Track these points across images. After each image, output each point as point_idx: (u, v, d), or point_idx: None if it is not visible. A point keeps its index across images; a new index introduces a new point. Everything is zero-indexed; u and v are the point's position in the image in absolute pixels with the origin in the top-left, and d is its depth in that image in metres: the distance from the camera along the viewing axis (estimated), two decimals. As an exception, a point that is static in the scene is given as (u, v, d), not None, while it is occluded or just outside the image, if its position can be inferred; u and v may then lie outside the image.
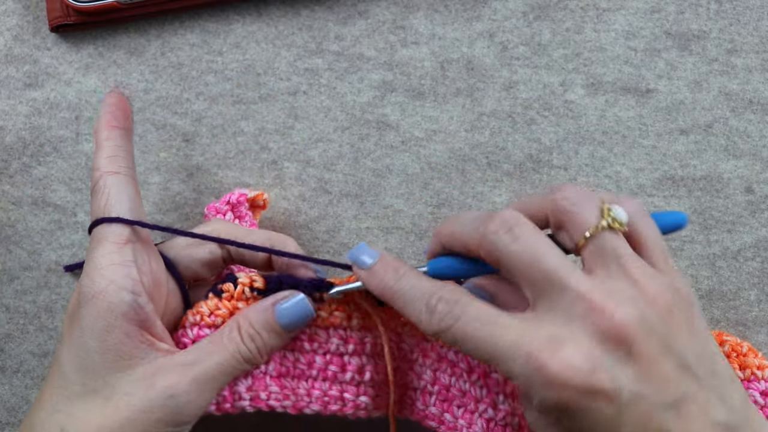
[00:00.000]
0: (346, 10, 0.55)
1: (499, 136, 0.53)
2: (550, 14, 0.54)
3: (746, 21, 0.54)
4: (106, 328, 0.39)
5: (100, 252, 0.40)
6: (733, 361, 0.45)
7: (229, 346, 0.41)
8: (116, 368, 0.39)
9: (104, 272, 0.39)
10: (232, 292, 0.43)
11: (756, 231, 0.51)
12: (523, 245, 0.36)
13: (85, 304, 0.39)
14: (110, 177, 0.42)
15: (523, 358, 0.34)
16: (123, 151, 0.43)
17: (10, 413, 0.52)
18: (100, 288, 0.39)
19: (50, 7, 0.54)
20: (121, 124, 0.44)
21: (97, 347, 0.39)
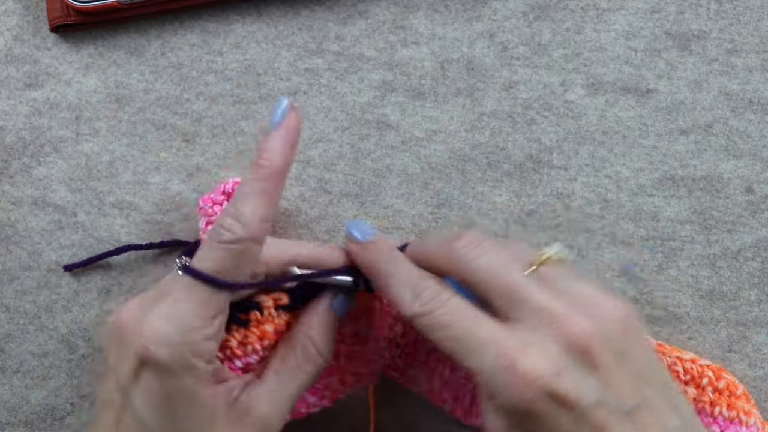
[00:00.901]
0: (346, 10, 0.55)
1: (499, 136, 0.53)
2: (550, 14, 0.54)
3: (746, 21, 0.54)
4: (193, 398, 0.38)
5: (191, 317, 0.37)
6: (723, 399, 0.45)
7: (308, 368, 0.41)
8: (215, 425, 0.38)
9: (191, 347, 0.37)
10: (259, 319, 0.42)
11: (756, 231, 0.51)
12: (489, 259, 0.38)
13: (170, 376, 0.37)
14: (253, 246, 0.38)
15: (494, 355, 0.35)
16: (274, 215, 0.40)
17: (10, 413, 0.52)
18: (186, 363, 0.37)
19: (50, 7, 0.54)
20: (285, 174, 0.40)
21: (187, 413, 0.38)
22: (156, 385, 0.37)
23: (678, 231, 0.52)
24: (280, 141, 0.40)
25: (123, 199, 0.53)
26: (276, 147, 0.39)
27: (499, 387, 0.35)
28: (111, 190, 0.53)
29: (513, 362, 0.35)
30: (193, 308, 0.37)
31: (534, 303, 0.37)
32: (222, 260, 0.38)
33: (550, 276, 0.38)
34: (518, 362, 0.35)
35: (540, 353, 0.35)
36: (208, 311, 0.38)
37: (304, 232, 0.52)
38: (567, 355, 0.35)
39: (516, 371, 0.35)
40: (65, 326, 0.52)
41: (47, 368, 0.52)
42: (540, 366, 0.35)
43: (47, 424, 0.51)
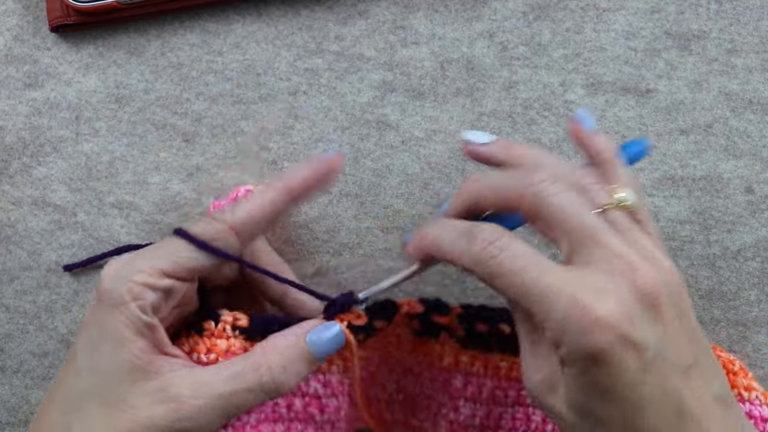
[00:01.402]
0: (346, 10, 0.55)
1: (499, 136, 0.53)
2: (550, 14, 0.54)
3: (746, 21, 0.54)
4: (121, 340, 0.38)
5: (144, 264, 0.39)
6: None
7: (250, 379, 0.39)
8: (129, 378, 0.38)
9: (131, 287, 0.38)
10: (213, 330, 0.41)
11: (756, 231, 0.51)
12: (568, 200, 0.37)
13: (106, 310, 0.39)
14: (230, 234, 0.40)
15: (566, 301, 0.35)
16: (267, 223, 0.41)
17: (10, 413, 0.52)
18: (117, 297, 0.38)
19: (50, 7, 0.54)
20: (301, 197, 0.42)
21: (112, 355, 0.38)
22: (94, 317, 0.39)
23: (678, 231, 0.52)
24: (309, 168, 0.42)
25: (123, 199, 0.53)
26: (303, 171, 0.42)
27: (571, 334, 0.34)
28: (111, 190, 0.53)
29: (587, 308, 0.34)
30: (150, 256, 0.40)
31: (610, 249, 0.36)
32: (202, 229, 0.40)
33: (618, 221, 0.38)
34: (592, 308, 0.34)
35: (614, 299, 0.35)
36: (163, 263, 0.39)
37: (304, 232, 0.52)
38: (639, 303, 0.35)
39: (590, 316, 0.34)
40: (65, 326, 0.52)
41: (47, 368, 0.52)
42: (615, 311, 0.34)
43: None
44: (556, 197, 0.37)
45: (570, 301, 0.35)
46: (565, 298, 0.35)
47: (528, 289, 0.36)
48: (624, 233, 0.37)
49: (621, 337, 0.34)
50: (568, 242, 0.37)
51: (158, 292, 0.39)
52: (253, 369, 0.39)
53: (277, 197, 0.41)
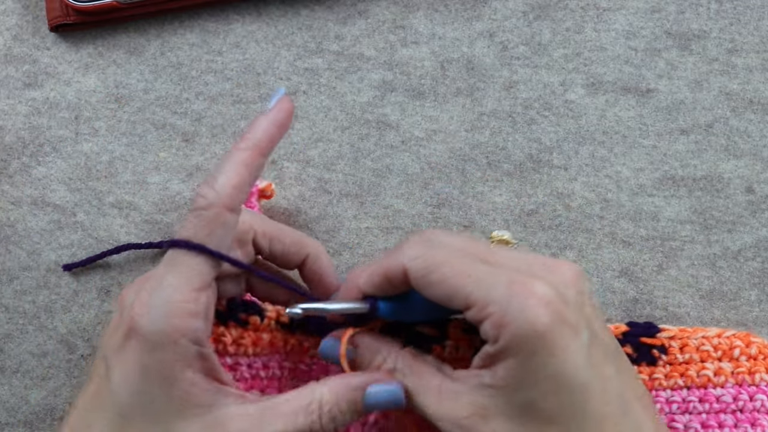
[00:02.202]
0: (346, 9, 0.55)
1: (499, 136, 0.53)
2: (550, 14, 0.54)
3: (747, 21, 0.54)
4: (171, 377, 0.36)
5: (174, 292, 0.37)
6: (760, 363, 0.45)
7: (301, 421, 0.38)
8: (182, 416, 0.37)
9: (177, 322, 0.36)
10: (258, 325, 0.41)
11: (756, 231, 0.51)
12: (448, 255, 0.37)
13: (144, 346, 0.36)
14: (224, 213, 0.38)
15: (505, 282, 0.35)
16: (250, 185, 0.39)
17: (9, 413, 0.52)
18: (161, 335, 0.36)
19: (50, 6, 0.54)
20: (269, 150, 0.40)
21: (163, 393, 0.37)
22: (135, 356, 0.37)
23: (678, 231, 0.52)
24: (267, 119, 0.40)
25: (122, 199, 0.53)
26: (261, 123, 0.40)
27: (514, 311, 0.34)
28: (110, 190, 0.53)
29: (525, 287, 0.35)
30: (177, 281, 0.37)
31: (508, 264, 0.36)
32: (195, 227, 0.38)
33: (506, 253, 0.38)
34: (531, 287, 0.35)
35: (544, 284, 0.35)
36: (191, 283, 0.37)
37: (304, 232, 0.52)
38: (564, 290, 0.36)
39: (532, 293, 0.34)
40: (64, 326, 0.52)
41: (47, 368, 0.52)
42: (549, 292, 0.35)
43: (47, 424, 0.51)
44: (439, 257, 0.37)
45: (509, 282, 0.35)
46: (504, 279, 0.35)
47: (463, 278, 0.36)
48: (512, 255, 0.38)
49: (559, 315, 0.34)
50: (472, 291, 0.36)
51: (202, 318, 0.37)
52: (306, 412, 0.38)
53: (248, 158, 0.39)
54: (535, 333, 0.34)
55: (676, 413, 0.44)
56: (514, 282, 0.35)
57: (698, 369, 0.45)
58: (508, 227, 0.52)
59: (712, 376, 0.45)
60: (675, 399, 0.44)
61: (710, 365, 0.45)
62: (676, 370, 0.45)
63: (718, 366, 0.45)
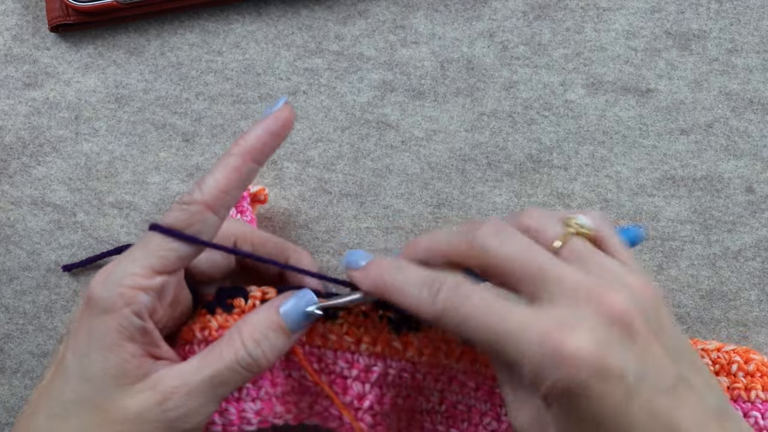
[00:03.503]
0: (346, 9, 0.55)
1: (499, 136, 0.53)
2: (550, 14, 0.54)
3: (747, 21, 0.54)
4: (110, 346, 0.38)
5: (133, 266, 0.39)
6: (757, 381, 0.45)
7: (226, 356, 0.39)
8: (118, 383, 0.38)
9: (124, 291, 0.38)
10: (243, 306, 0.42)
11: (756, 231, 0.51)
12: (514, 246, 0.37)
13: (96, 316, 0.38)
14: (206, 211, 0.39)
15: (536, 339, 0.34)
16: (237, 190, 0.40)
17: (9, 413, 0.52)
18: (108, 303, 0.38)
19: (50, 6, 0.54)
20: (261, 158, 0.40)
21: (101, 362, 0.38)
22: (84, 324, 0.39)
23: (678, 231, 0.52)
24: (261, 126, 0.40)
25: (122, 199, 0.53)
26: (256, 130, 0.40)
27: (546, 372, 0.34)
28: (110, 190, 0.53)
29: (559, 343, 0.34)
30: (138, 257, 0.39)
31: (567, 282, 0.36)
32: (176, 218, 0.39)
33: (576, 252, 0.37)
34: (564, 342, 0.34)
35: (584, 331, 0.34)
36: (151, 262, 0.38)
37: (304, 232, 0.52)
38: (608, 330, 0.35)
39: (564, 352, 0.34)
40: (65, 326, 0.52)
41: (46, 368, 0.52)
42: (586, 344, 0.34)
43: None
44: (501, 248, 0.37)
45: (541, 338, 0.34)
46: (536, 335, 0.34)
47: (497, 333, 0.35)
48: (584, 261, 0.37)
49: (597, 368, 0.34)
50: (526, 287, 0.36)
51: (151, 294, 0.38)
52: (229, 346, 0.40)
53: (239, 163, 0.40)
54: (568, 390, 0.34)
55: None
56: (548, 337, 0.34)
57: None
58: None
59: None
60: None
61: None
62: None
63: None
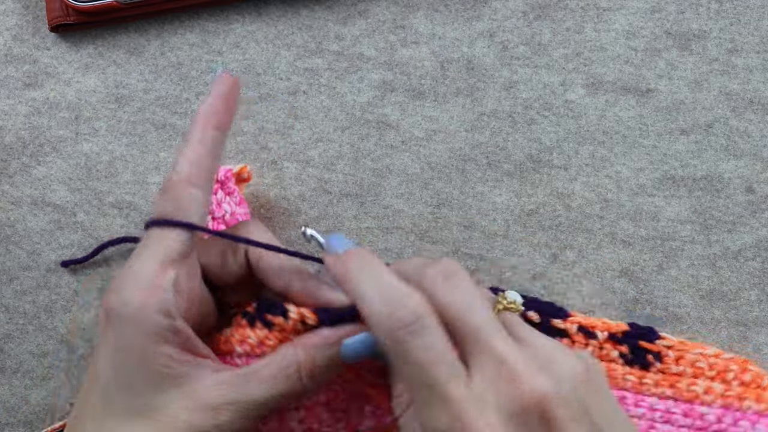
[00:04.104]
0: (346, 9, 0.55)
1: (499, 136, 0.53)
2: (550, 14, 0.54)
3: (747, 21, 0.54)
4: (145, 352, 0.37)
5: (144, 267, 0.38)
6: (751, 392, 0.45)
7: (281, 383, 0.39)
8: (160, 389, 0.37)
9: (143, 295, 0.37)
10: (284, 325, 0.41)
11: (756, 231, 0.51)
12: (458, 297, 0.36)
13: (118, 324, 0.37)
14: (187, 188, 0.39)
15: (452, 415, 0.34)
16: (210, 159, 0.40)
17: (9, 413, 0.52)
18: (131, 311, 0.37)
19: (50, 6, 0.54)
20: (221, 123, 0.41)
21: (139, 368, 0.37)
22: (112, 335, 0.38)
23: (678, 231, 0.52)
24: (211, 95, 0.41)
25: (122, 199, 0.53)
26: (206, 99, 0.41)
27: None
28: (110, 190, 0.53)
29: (468, 419, 0.34)
30: (144, 258, 0.38)
31: (495, 354, 0.35)
32: (161, 206, 0.39)
33: (512, 323, 0.37)
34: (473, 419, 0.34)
35: (496, 412, 0.34)
36: (156, 258, 0.38)
37: (304, 232, 0.52)
38: (524, 415, 0.34)
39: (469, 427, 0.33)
40: (65, 326, 0.52)
41: (47, 368, 0.52)
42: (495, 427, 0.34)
43: (47, 424, 0.51)
44: (445, 294, 0.36)
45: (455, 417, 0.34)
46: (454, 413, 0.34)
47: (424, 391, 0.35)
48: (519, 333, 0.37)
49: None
50: (461, 344, 0.36)
51: (169, 290, 0.38)
52: (285, 375, 0.39)
53: (201, 134, 0.40)
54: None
55: (658, 421, 0.44)
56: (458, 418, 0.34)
57: (689, 383, 0.45)
58: (508, 227, 0.52)
59: (701, 392, 0.45)
60: (659, 407, 0.44)
61: (702, 382, 0.45)
62: (666, 379, 0.45)
63: (710, 385, 0.45)
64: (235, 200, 0.50)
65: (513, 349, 0.35)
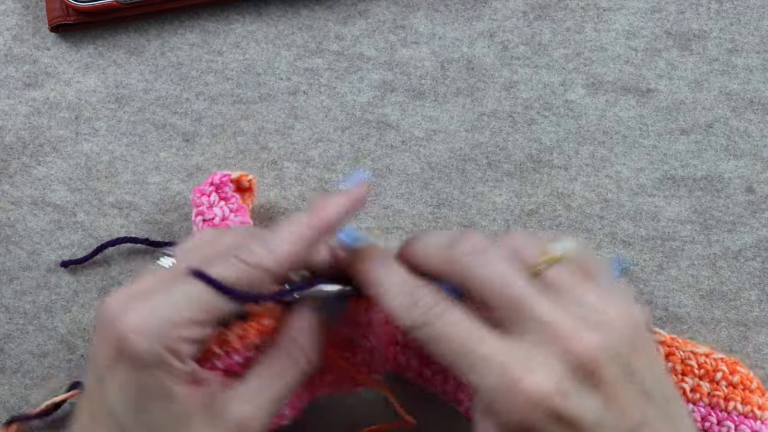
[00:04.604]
0: (346, 9, 0.55)
1: (500, 136, 0.53)
2: (550, 14, 0.54)
3: (747, 21, 0.54)
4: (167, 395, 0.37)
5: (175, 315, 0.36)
6: (738, 393, 0.45)
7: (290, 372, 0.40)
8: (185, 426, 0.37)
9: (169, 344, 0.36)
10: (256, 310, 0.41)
11: (756, 231, 0.51)
12: (493, 270, 0.37)
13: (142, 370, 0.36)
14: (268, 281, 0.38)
15: (497, 372, 0.34)
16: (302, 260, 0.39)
17: (9, 413, 0.52)
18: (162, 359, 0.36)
19: (50, 6, 0.54)
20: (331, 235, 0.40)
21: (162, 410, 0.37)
22: (129, 376, 0.36)
23: (678, 231, 0.52)
24: (341, 201, 0.40)
25: (123, 199, 0.53)
26: (336, 205, 0.40)
27: (500, 405, 0.34)
28: (110, 190, 0.53)
29: (516, 381, 0.34)
30: (186, 307, 0.37)
31: (538, 317, 0.35)
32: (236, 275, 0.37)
33: (556, 279, 0.37)
34: (522, 381, 0.34)
35: (544, 372, 0.34)
36: (200, 315, 0.37)
37: (304, 232, 0.52)
38: (572, 373, 0.34)
39: (519, 391, 0.34)
40: (65, 326, 0.52)
41: (47, 368, 0.52)
42: (544, 386, 0.34)
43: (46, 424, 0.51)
44: (479, 269, 0.37)
45: (500, 373, 0.34)
46: (496, 369, 0.34)
47: (462, 356, 0.35)
48: (562, 291, 0.36)
49: (550, 412, 0.34)
50: (502, 313, 0.36)
51: (196, 344, 0.37)
52: (290, 361, 0.40)
53: (311, 233, 0.39)
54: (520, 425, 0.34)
55: None
56: (508, 372, 0.34)
57: (677, 381, 0.45)
58: (508, 227, 0.52)
59: (688, 390, 0.45)
60: None
61: (690, 380, 0.45)
62: None
63: (697, 383, 0.45)
64: (232, 206, 0.49)
65: (555, 309, 0.35)
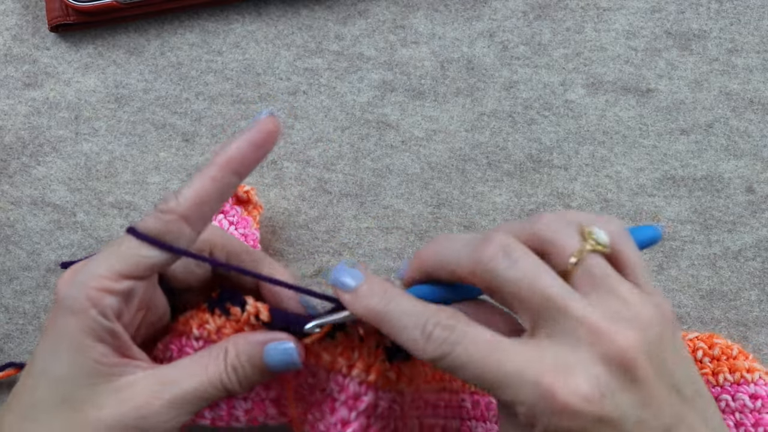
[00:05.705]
0: (346, 9, 0.55)
1: (499, 136, 0.53)
2: (550, 14, 0.54)
3: (747, 20, 0.54)
4: (79, 346, 0.38)
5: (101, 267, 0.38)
6: (723, 364, 0.45)
7: (212, 372, 0.39)
8: (90, 382, 0.38)
9: (90, 292, 0.38)
10: (239, 316, 0.41)
11: (757, 231, 0.51)
12: (522, 270, 0.35)
13: (63, 316, 0.38)
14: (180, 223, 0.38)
15: (531, 385, 0.33)
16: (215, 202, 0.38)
17: (9, 413, 0.52)
18: (80, 306, 0.38)
19: (49, 6, 0.54)
20: (241, 170, 0.39)
21: (70, 362, 0.38)
22: (54, 321, 0.38)
23: (678, 231, 0.52)
24: (244, 137, 0.39)
25: (122, 199, 0.53)
26: (238, 141, 0.39)
27: (540, 416, 0.33)
28: (110, 190, 0.53)
29: (553, 391, 0.33)
30: (107, 258, 0.38)
31: (572, 316, 0.34)
32: (151, 224, 0.38)
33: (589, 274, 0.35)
34: (559, 390, 0.33)
35: (580, 376, 0.33)
36: (120, 264, 0.38)
37: (304, 232, 0.52)
38: (608, 372, 0.34)
39: (558, 400, 0.33)
40: (64, 326, 0.52)
41: (46, 368, 0.52)
42: (583, 391, 0.33)
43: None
44: (507, 272, 0.35)
45: (535, 385, 0.33)
46: (531, 381, 0.33)
47: (491, 379, 0.34)
48: (596, 286, 0.35)
49: (594, 415, 0.33)
50: (529, 315, 0.35)
51: (117, 296, 0.38)
52: (215, 365, 0.40)
53: (218, 175, 0.38)
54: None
55: None
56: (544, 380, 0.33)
57: None
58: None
59: None
60: None
61: None
62: None
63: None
64: (232, 219, 0.49)
65: (590, 307, 0.34)
